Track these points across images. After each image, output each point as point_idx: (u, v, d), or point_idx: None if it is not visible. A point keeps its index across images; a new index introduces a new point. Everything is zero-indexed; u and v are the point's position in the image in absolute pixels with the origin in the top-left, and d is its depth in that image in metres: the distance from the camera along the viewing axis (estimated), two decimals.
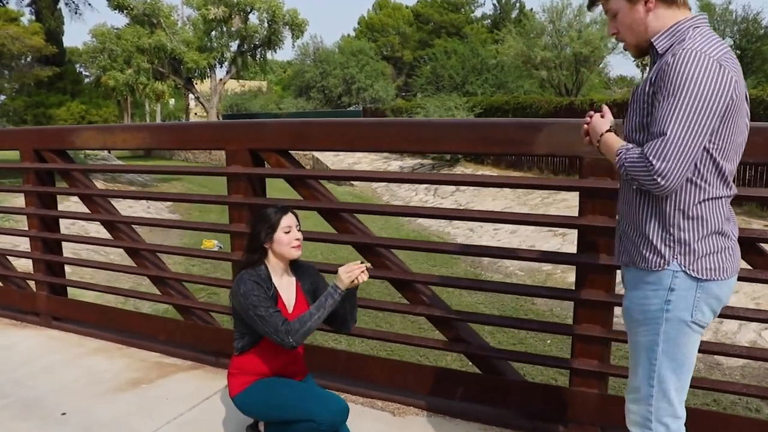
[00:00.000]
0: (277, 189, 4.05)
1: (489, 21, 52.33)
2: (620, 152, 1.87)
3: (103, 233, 4.56)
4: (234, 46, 36.14)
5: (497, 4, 52.02)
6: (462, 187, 17.32)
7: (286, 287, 2.70)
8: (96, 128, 4.26)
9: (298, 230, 2.69)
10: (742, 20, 27.88)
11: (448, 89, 29.52)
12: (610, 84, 36.27)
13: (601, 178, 2.75)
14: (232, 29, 34.97)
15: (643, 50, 1.99)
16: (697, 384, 2.48)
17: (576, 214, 2.87)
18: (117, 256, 9.62)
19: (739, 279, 2.14)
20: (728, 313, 2.63)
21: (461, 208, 16.04)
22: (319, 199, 3.38)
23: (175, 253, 4.80)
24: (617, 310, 2.48)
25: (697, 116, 1.72)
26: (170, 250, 4.44)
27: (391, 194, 19.67)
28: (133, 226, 4.28)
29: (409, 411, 3.29)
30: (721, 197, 1.87)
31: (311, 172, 3.47)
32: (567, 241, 10.70)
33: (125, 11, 33.13)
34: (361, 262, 2.56)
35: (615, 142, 1.95)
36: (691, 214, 1.86)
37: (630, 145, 1.88)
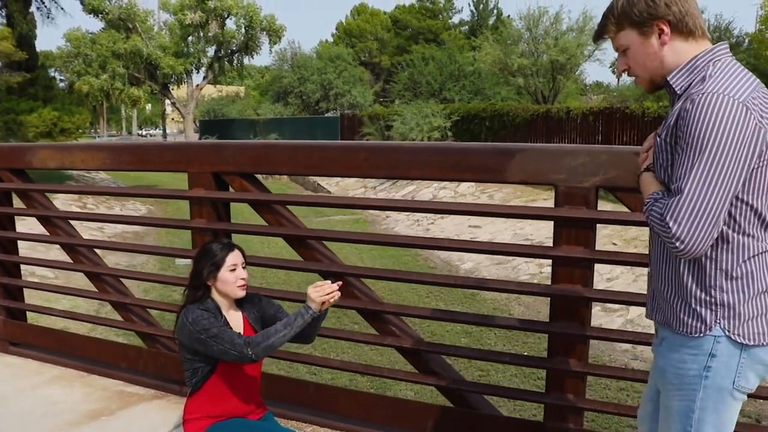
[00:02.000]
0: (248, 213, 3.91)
1: (467, 27, 52.51)
2: (648, 202, 1.71)
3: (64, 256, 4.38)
4: (211, 51, 35.95)
5: (475, 11, 52.22)
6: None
7: (235, 322, 2.58)
8: (53, 147, 4.10)
9: (244, 268, 2.56)
10: (714, 29, 28.21)
11: (426, 95, 29.52)
12: (587, 91, 36.50)
13: (576, 208, 2.65)
14: (209, 34, 34.75)
15: (658, 85, 1.80)
16: None
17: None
18: (79, 279, 9.41)
19: None
20: None
21: (440, 226, 15.97)
22: (285, 225, 3.25)
23: (137, 278, 4.63)
24: (593, 343, 2.39)
25: (719, 172, 1.54)
26: (133, 275, 4.27)
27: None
28: (95, 249, 4.11)
29: None
30: (767, 250, 1.69)
31: (276, 197, 3.33)
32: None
33: (100, 15, 32.76)
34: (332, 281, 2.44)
35: (648, 186, 1.77)
36: (735, 274, 1.67)
37: (659, 194, 1.69)
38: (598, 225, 2.68)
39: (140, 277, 4.67)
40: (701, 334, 1.70)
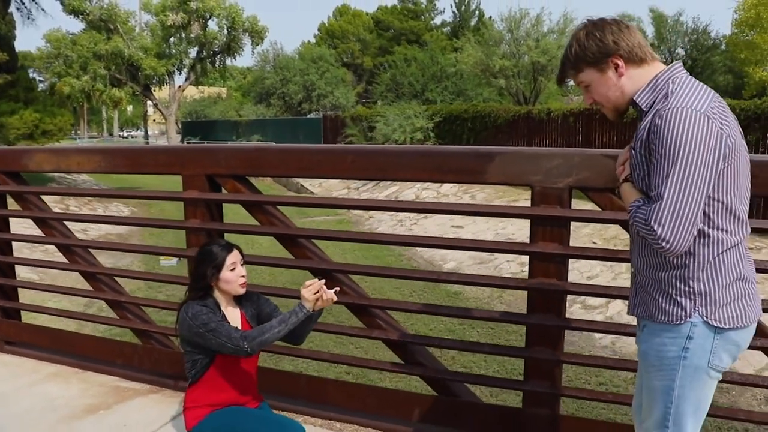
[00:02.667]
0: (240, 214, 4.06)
1: (449, 29, 52.79)
2: (631, 209, 1.90)
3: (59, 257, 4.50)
4: (193, 52, 35.94)
5: (457, 12, 52.50)
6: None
7: (233, 319, 2.74)
8: (50, 150, 4.21)
9: (242, 265, 2.72)
10: (692, 31, 28.68)
11: (408, 96, 29.71)
12: (568, 92, 36.89)
13: (551, 206, 2.83)
14: (191, 36, 34.73)
15: (622, 112, 2.01)
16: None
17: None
18: (70, 279, 9.47)
19: None
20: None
21: (423, 226, 16.14)
22: (277, 224, 3.41)
23: (133, 277, 4.76)
24: (574, 341, 2.56)
25: (692, 177, 1.74)
26: (127, 274, 4.41)
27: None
28: (89, 249, 4.24)
29: None
30: (739, 243, 1.89)
31: (268, 198, 3.49)
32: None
33: (81, 16, 32.62)
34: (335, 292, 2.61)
35: (629, 195, 1.97)
36: (711, 266, 1.87)
37: (641, 202, 1.88)
38: (578, 224, 2.86)
39: (135, 275, 4.81)
40: (682, 321, 1.90)
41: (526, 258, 2.96)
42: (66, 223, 4.35)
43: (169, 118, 36.51)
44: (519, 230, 12.78)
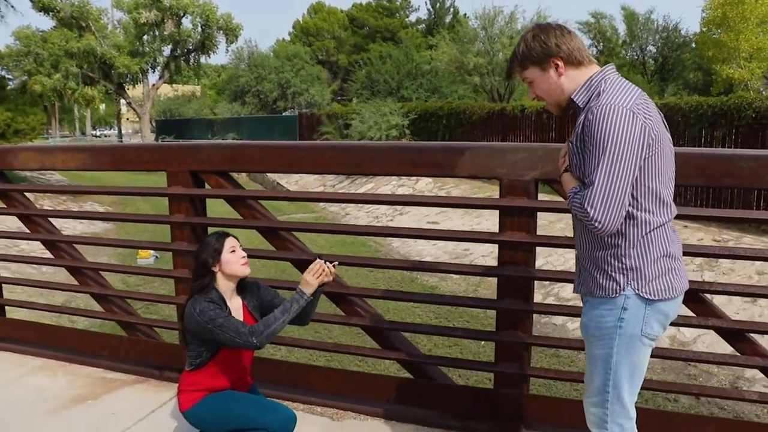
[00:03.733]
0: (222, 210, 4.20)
1: (423, 26, 53.00)
2: (570, 195, 2.13)
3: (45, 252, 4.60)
4: (167, 50, 35.74)
5: (432, 9, 52.72)
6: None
7: (235, 309, 2.85)
8: (34, 148, 4.32)
9: (241, 248, 2.86)
10: (663, 29, 29.10)
11: (384, 94, 29.85)
12: None
13: (518, 197, 3.02)
14: (165, 33, 34.53)
15: (564, 108, 2.25)
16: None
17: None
18: (52, 273, 9.53)
19: None
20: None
21: (399, 223, 16.32)
22: (259, 218, 3.56)
23: (118, 270, 4.88)
24: (536, 318, 2.75)
25: (619, 165, 1.96)
26: (112, 268, 4.52)
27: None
28: (74, 244, 4.35)
29: (347, 415, 3.50)
30: (664, 223, 2.11)
31: (250, 193, 3.64)
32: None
33: (51, 13, 32.28)
34: (325, 261, 2.80)
35: (568, 183, 2.20)
36: (640, 244, 2.09)
37: (577, 188, 2.10)
38: (552, 219, 3.05)
39: (121, 269, 4.91)
40: (617, 294, 2.13)
41: None
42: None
43: (143, 117, 36.32)
44: (494, 226, 12.89)
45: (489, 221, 13.52)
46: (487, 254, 11.24)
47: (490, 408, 3.27)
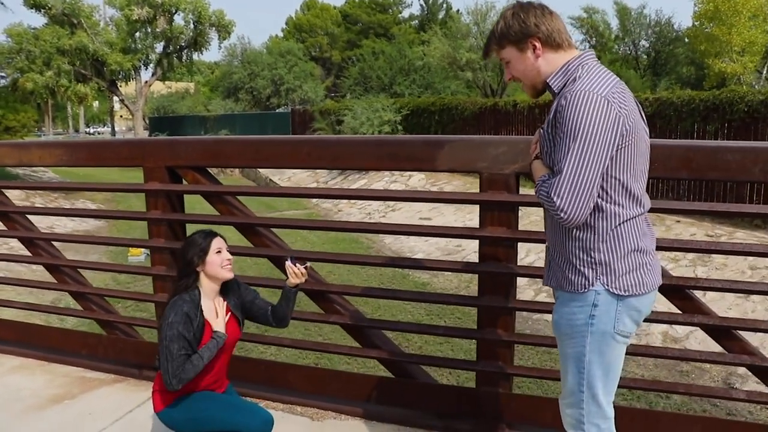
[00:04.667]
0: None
1: (416, 22, 52.89)
2: (537, 183, 2.05)
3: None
4: (159, 47, 35.49)
5: (424, 5, 52.63)
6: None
7: (219, 309, 2.78)
8: (10, 144, 4.25)
9: (227, 251, 2.79)
10: (655, 24, 29.07)
11: (376, 90, 29.75)
12: None
13: (498, 192, 2.96)
14: (157, 30, 34.29)
15: (540, 91, 2.16)
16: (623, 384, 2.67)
17: None
18: (43, 272, 9.44)
19: None
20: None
21: (391, 220, 16.27)
22: (236, 214, 3.49)
23: (97, 268, 4.79)
24: (527, 314, 2.68)
25: (589, 154, 1.87)
26: (91, 266, 4.45)
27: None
28: (52, 242, 4.28)
29: (327, 415, 3.44)
30: (634, 216, 2.02)
31: (227, 188, 3.57)
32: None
33: (43, 11, 32.06)
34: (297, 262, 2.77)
35: (537, 171, 2.12)
36: (609, 237, 2.00)
37: (546, 177, 2.02)
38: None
39: (99, 267, 4.83)
40: (586, 290, 2.05)
41: None
42: (32, 218, 4.38)
43: (136, 114, 36.10)
44: None
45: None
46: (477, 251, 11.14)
47: (472, 407, 3.21)
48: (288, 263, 2.78)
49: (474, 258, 10.57)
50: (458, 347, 6.99)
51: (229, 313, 2.83)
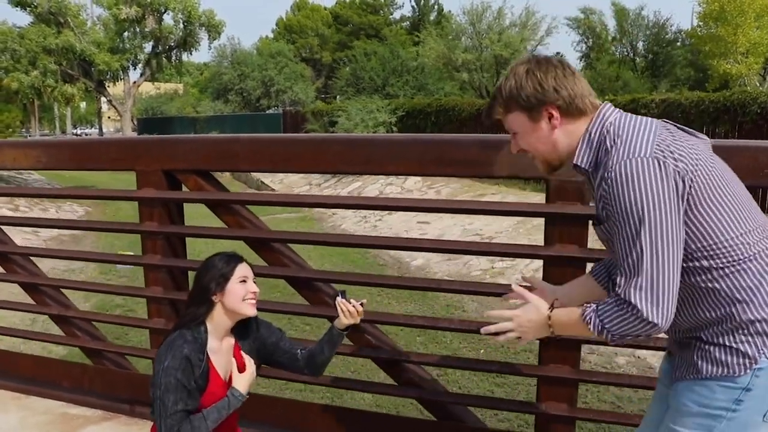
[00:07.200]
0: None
1: (408, 23, 52.62)
2: (589, 317, 1.55)
3: None
4: (148, 47, 35.16)
5: (416, 6, 52.36)
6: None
7: (226, 352, 2.26)
8: None
9: (254, 283, 2.25)
10: (653, 25, 28.88)
11: (369, 91, 29.37)
12: None
13: (569, 203, 2.45)
14: (146, 30, 33.93)
15: (556, 167, 1.70)
16: None
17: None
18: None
19: None
20: None
21: (388, 223, 15.77)
22: (247, 226, 2.96)
23: (81, 288, 4.23)
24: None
25: (662, 237, 1.45)
26: (74, 286, 3.90)
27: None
28: (31, 258, 3.74)
29: None
30: (761, 251, 1.54)
31: (237, 196, 3.05)
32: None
33: (28, 9, 31.62)
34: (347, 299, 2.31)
35: (569, 313, 1.63)
36: (753, 293, 1.51)
37: (592, 305, 1.56)
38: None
39: (84, 288, 4.25)
40: (745, 372, 1.52)
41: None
42: (7, 227, 3.83)
43: (125, 115, 35.58)
44: (486, 225, 12.42)
45: (481, 221, 12.90)
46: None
47: None
48: (339, 299, 2.27)
49: (475, 263, 9.89)
50: (511, 380, 5.72)
51: (240, 359, 2.30)
